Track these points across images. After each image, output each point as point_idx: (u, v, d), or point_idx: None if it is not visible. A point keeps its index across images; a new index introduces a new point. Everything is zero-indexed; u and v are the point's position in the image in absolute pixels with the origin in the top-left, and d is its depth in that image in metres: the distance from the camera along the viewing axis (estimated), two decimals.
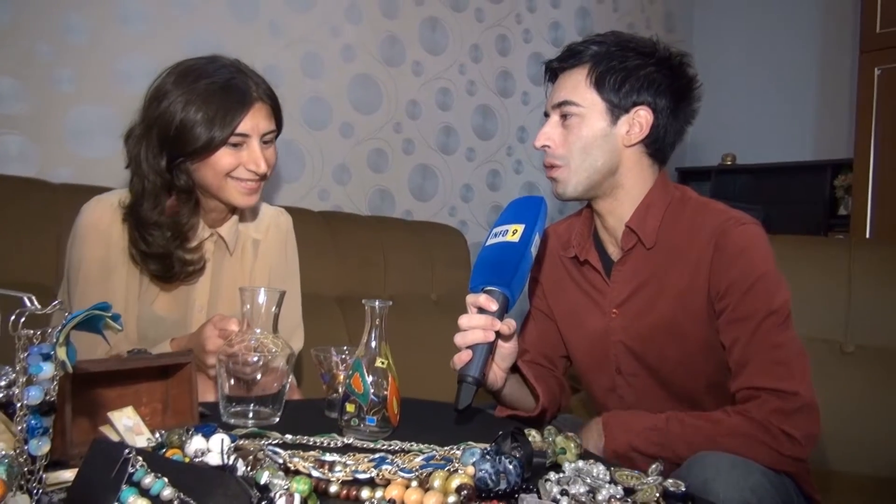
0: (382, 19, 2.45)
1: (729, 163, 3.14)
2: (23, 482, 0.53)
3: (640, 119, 1.26)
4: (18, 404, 0.53)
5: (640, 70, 1.25)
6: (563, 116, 1.28)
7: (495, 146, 2.77)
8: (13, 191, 1.71)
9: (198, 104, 1.24)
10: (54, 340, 0.54)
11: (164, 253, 1.29)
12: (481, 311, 1.09)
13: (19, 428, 0.53)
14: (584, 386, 1.44)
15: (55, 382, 0.55)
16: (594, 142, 1.26)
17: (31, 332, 0.53)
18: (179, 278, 1.32)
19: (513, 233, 1.12)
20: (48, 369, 0.54)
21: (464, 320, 1.09)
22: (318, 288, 2.10)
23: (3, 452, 0.51)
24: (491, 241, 1.14)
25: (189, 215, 1.31)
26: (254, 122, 1.29)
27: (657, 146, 1.29)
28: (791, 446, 1.09)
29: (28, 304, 0.53)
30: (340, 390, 1.04)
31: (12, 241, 1.65)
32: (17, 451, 0.53)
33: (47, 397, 0.54)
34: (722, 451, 1.06)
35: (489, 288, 1.09)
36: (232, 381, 1.03)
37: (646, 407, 1.30)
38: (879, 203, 2.56)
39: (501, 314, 1.09)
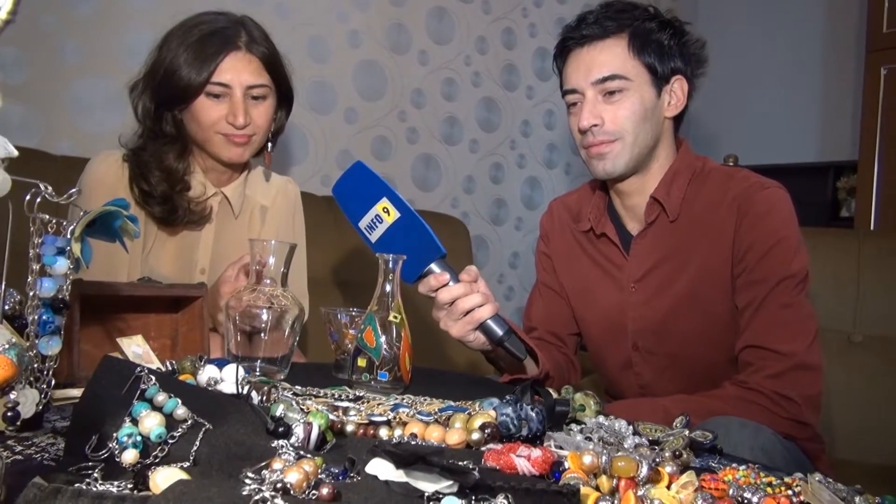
0: (390, 6, 2.43)
1: (731, 164, 3.12)
2: (32, 379, 0.50)
3: (677, 90, 1.25)
4: (31, 293, 0.50)
5: (670, 40, 1.24)
6: (609, 92, 1.21)
7: (499, 139, 2.75)
8: (13, 161, 1.68)
9: (184, 47, 1.25)
10: (69, 235, 0.51)
11: (164, 195, 1.28)
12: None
13: (30, 319, 0.50)
14: (598, 364, 1.41)
15: (69, 280, 0.52)
16: (645, 115, 1.22)
17: (47, 217, 0.50)
18: (183, 222, 1.30)
19: (385, 212, 1.06)
20: (62, 264, 0.51)
21: (445, 295, 1.08)
22: (320, 272, 2.07)
23: (14, 340, 0.48)
24: (376, 235, 1.08)
25: (175, 159, 1.30)
26: (234, 72, 1.27)
27: (681, 116, 1.28)
28: (789, 407, 1.09)
29: (43, 189, 0.50)
30: (350, 347, 1.01)
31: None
32: (28, 344, 0.50)
33: (59, 294, 0.51)
34: None
35: (428, 268, 1.08)
36: (239, 337, 0.99)
37: (663, 383, 1.28)
38: (884, 205, 2.55)
39: (455, 274, 1.09)
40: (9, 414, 0.45)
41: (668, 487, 0.59)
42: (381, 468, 0.52)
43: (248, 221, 1.42)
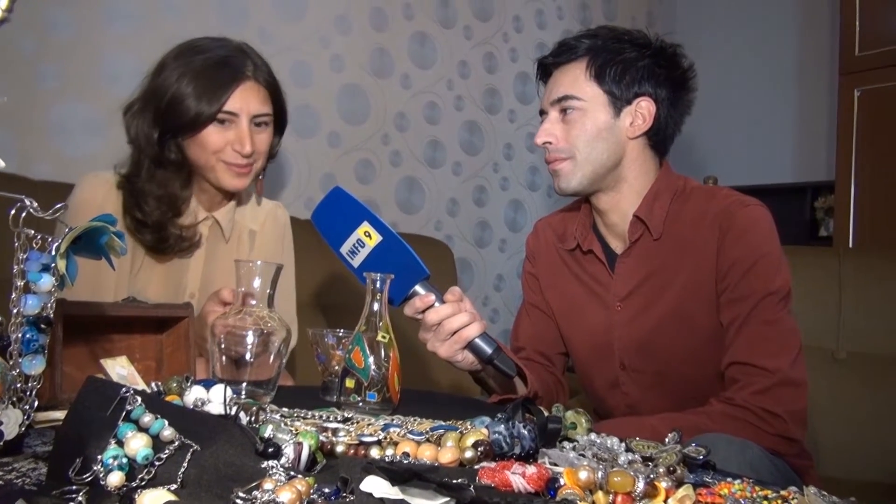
0: (372, 31, 2.45)
1: (711, 185, 3.17)
2: (14, 399, 0.48)
3: (643, 110, 1.26)
4: (14, 310, 0.48)
5: (639, 61, 1.26)
6: (564, 111, 1.26)
7: (482, 162, 2.77)
8: None
9: (189, 77, 1.24)
10: (53, 252, 0.49)
11: (158, 223, 1.26)
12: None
13: (13, 337, 0.48)
14: (585, 383, 1.41)
15: (53, 298, 0.50)
16: (598, 135, 1.25)
17: (32, 232, 0.48)
18: (174, 251, 1.28)
19: (366, 235, 1.06)
20: (47, 281, 0.49)
21: (432, 316, 1.07)
22: (305, 296, 2.06)
23: None
24: (359, 260, 1.07)
25: (181, 188, 1.29)
26: (244, 101, 1.26)
27: (659, 137, 1.29)
28: (775, 423, 1.10)
29: (29, 204, 0.49)
30: (338, 368, 1.00)
31: None
32: (11, 363, 0.48)
33: (44, 312, 0.49)
34: None
35: (413, 290, 1.08)
36: (224, 360, 0.98)
37: (650, 402, 1.28)
38: (861, 223, 2.59)
39: (440, 294, 1.09)
40: None
41: (665, 502, 0.59)
42: (375, 486, 0.51)
43: (237, 245, 1.40)
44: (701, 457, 0.77)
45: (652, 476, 0.65)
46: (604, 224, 1.33)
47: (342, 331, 1.11)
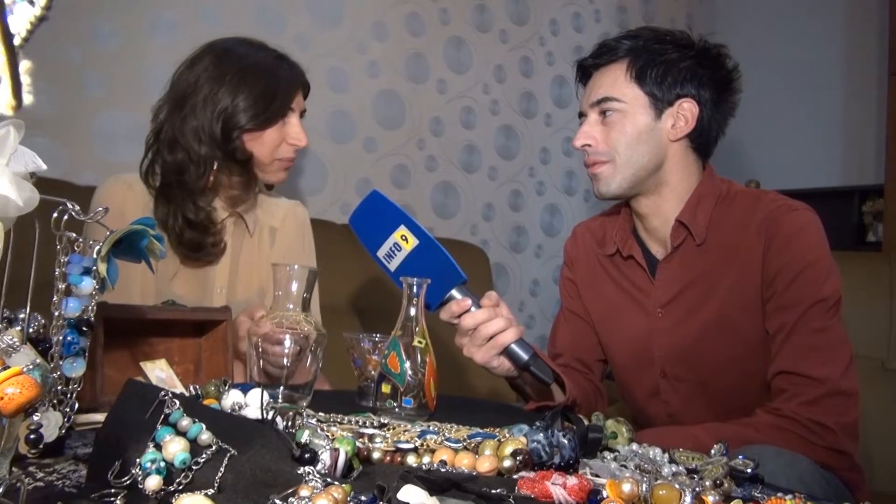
0: (408, 37, 2.46)
1: (755, 189, 3.09)
2: (55, 401, 0.49)
3: (685, 112, 1.23)
4: (56, 313, 0.49)
5: (681, 62, 1.23)
6: (603, 113, 1.23)
7: (518, 166, 2.75)
8: (39, 191, 1.69)
9: (252, 80, 1.28)
10: (95, 255, 0.50)
11: (195, 242, 1.29)
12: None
13: (55, 340, 0.49)
14: (625, 391, 1.38)
15: (94, 301, 0.51)
16: (639, 137, 1.22)
17: (74, 235, 0.49)
18: (204, 259, 1.30)
19: (403, 239, 1.06)
20: (88, 284, 0.50)
21: (468, 320, 1.06)
22: (339, 300, 2.06)
23: (38, 361, 0.47)
24: (395, 263, 1.07)
25: (244, 188, 1.33)
26: (298, 100, 1.35)
27: (702, 140, 1.25)
28: (825, 435, 1.06)
29: (70, 207, 0.49)
30: (374, 373, 1.00)
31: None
32: (52, 366, 0.49)
33: (85, 315, 0.50)
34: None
35: (449, 294, 1.07)
36: (261, 363, 0.98)
37: (693, 412, 1.24)
38: None
39: (476, 299, 1.08)
40: (31, 437, 0.44)
41: None
42: (412, 495, 0.50)
43: (259, 241, 1.42)
44: (749, 470, 0.75)
45: (698, 489, 0.63)
46: (644, 229, 1.30)
47: (378, 335, 1.10)
